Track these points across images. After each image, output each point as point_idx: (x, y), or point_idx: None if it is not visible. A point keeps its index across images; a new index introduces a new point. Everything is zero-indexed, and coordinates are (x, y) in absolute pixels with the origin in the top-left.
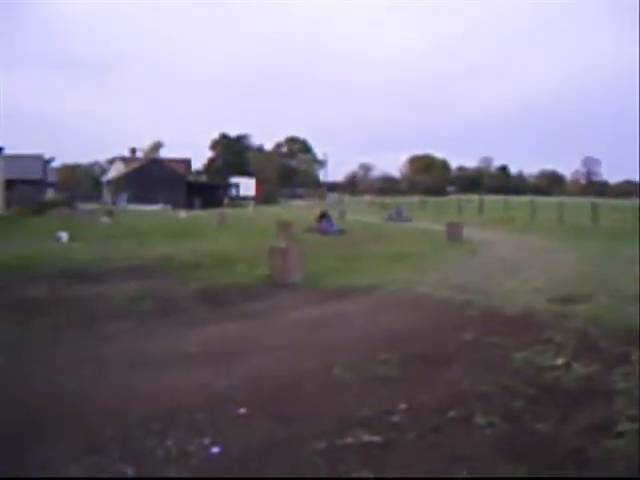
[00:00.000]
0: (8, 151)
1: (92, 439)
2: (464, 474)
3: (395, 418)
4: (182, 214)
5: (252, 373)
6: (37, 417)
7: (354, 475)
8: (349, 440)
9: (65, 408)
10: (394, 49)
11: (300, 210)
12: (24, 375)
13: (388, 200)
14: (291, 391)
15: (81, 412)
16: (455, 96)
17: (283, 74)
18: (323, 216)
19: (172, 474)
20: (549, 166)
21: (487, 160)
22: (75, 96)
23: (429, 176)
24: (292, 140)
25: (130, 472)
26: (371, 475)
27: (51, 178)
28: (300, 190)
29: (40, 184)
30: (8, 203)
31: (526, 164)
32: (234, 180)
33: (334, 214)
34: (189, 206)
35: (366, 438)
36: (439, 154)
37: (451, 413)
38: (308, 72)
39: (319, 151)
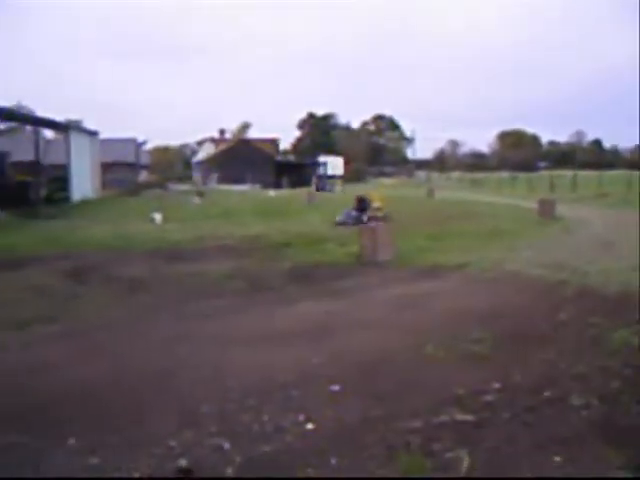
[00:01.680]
0: (103, 135)
1: (189, 414)
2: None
3: (489, 397)
4: (271, 193)
5: (344, 350)
6: (135, 392)
7: (448, 454)
8: (443, 418)
9: (162, 383)
10: (483, 22)
11: (388, 188)
12: (123, 351)
13: (478, 176)
14: (384, 369)
15: (178, 387)
16: (546, 69)
17: (369, 51)
18: (361, 202)
19: (267, 449)
20: None
21: (580, 134)
22: (165, 80)
23: (519, 151)
24: (379, 118)
25: (226, 446)
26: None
27: (144, 160)
28: (388, 168)
29: (134, 166)
30: (104, 185)
31: (621, 138)
32: (322, 159)
33: (422, 192)
34: (277, 185)
35: (460, 417)
36: (530, 129)
37: (546, 393)
38: (395, 48)
39: (407, 128)
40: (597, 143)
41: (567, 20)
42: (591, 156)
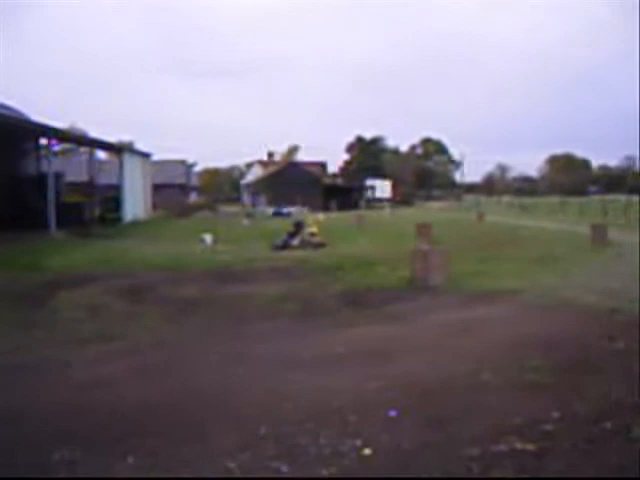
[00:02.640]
0: (154, 157)
1: (247, 435)
2: None
3: (548, 427)
4: (320, 216)
5: (400, 375)
6: (193, 412)
7: None
8: (502, 447)
9: (219, 404)
10: (531, 42)
11: (437, 212)
12: (180, 371)
13: (527, 201)
14: (440, 395)
15: (235, 408)
16: (596, 92)
17: (418, 74)
18: (296, 226)
19: (325, 473)
20: None
21: (630, 159)
22: (215, 102)
23: (569, 176)
24: (427, 141)
25: (285, 469)
26: None
27: (193, 182)
28: (436, 192)
29: (184, 188)
30: (154, 206)
31: None
32: (370, 182)
33: (472, 216)
34: (326, 208)
35: (519, 446)
36: (579, 153)
37: (606, 424)
38: (442, 71)
39: (455, 152)
40: None
41: (622, 43)
42: None
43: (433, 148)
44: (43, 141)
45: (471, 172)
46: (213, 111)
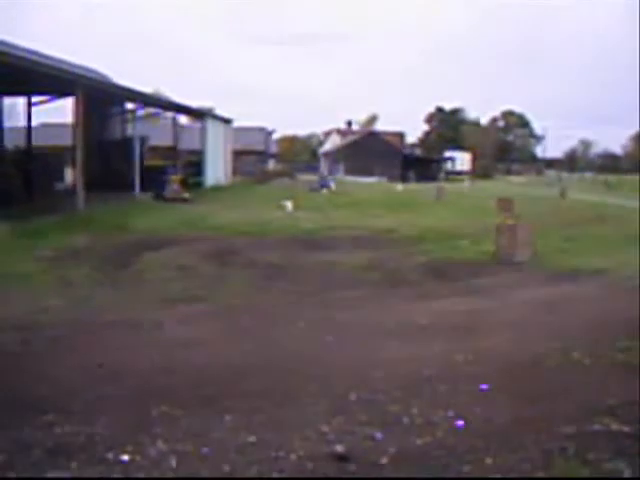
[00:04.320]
0: (235, 123)
1: (339, 401)
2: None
3: None
4: (399, 187)
5: (488, 349)
6: (284, 375)
7: (606, 465)
8: (597, 427)
9: (309, 369)
10: (624, 15)
11: (517, 186)
12: (270, 334)
13: (612, 178)
14: (531, 371)
15: (325, 374)
16: None
17: (501, 45)
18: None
19: (419, 442)
20: None
21: None
22: (295, 69)
23: None
24: (509, 114)
25: (378, 436)
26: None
27: (272, 149)
28: (515, 165)
29: (263, 155)
30: (234, 172)
31: None
32: (449, 154)
33: (554, 191)
34: (404, 179)
35: (615, 427)
36: None
37: None
38: (527, 42)
39: (537, 126)
40: None
41: None
42: None
43: (514, 121)
44: (129, 105)
45: (552, 147)
46: (293, 79)
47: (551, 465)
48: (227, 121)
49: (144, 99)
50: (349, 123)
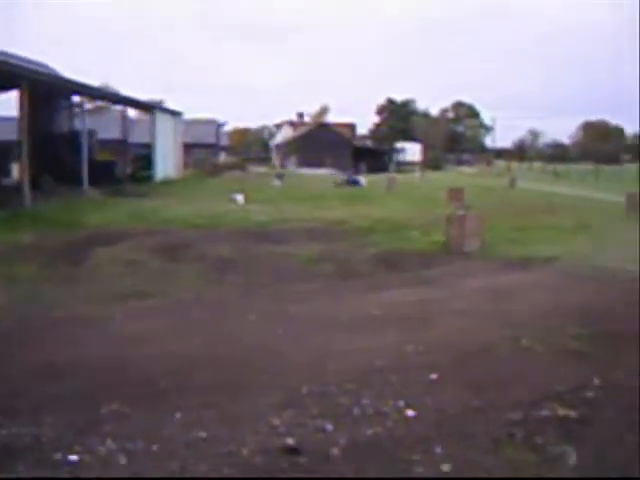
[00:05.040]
0: (185, 116)
1: (290, 393)
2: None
3: (590, 394)
4: None
5: (439, 338)
6: (235, 369)
7: (551, 449)
8: (545, 413)
9: (261, 362)
10: (568, 6)
11: (467, 177)
12: (220, 328)
13: (560, 168)
14: (480, 359)
15: (276, 367)
16: (632, 58)
17: (450, 36)
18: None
19: (370, 433)
20: None
21: None
22: (246, 61)
23: (603, 143)
24: (459, 105)
25: (329, 427)
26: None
27: (223, 142)
28: (466, 156)
29: (214, 147)
30: (185, 165)
31: None
32: (400, 145)
33: (503, 181)
34: (355, 171)
35: (562, 412)
36: (614, 120)
37: None
38: (475, 34)
39: (486, 116)
40: None
41: None
42: None
43: (464, 112)
44: (76, 99)
45: (502, 137)
46: (243, 71)
47: (499, 451)
48: (177, 114)
49: (91, 92)
50: (300, 115)
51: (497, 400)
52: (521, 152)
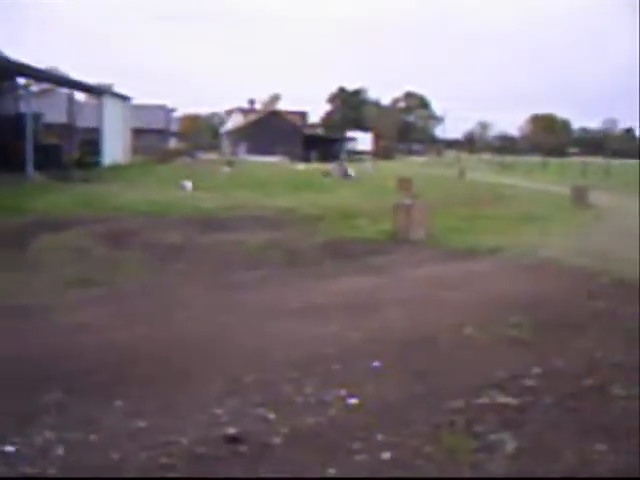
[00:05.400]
0: (134, 101)
1: (234, 382)
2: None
3: (530, 382)
4: (300, 166)
5: (383, 327)
6: (177, 358)
7: (490, 436)
8: (485, 400)
9: (206, 351)
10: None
11: (417, 167)
12: (165, 317)
13: (508, 159)
14: (423, 347)
15: (221, 356)
16: (579, 53)
17: (403, 27)
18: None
19: (312, 422)
20: None
21: (611, 122)
22: (196, 48)
23: (550, 136)
24: (410, 95)
25: (271, 416)
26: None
27: (173, 128)
28: (416, 146)
29: (163, 133)
30: (134, 151)
31: None
32: (351, 134)
33: (452, 172)
34: (306, 159)
35: (502, 400)
36: (561, 114)
37: (587, 381)
38: (427, 26)
39: (437, 107)
40: (629, 132)
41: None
42: (622, 144)
43: (415, 102)
44: (21, 81)
45: (452, 128)
46: (195, 56)
47: (439, 439)
48: (126, 98)
49: (37, 74)
50: (251, 102)
51: (439, 388)
52: (471, 143)
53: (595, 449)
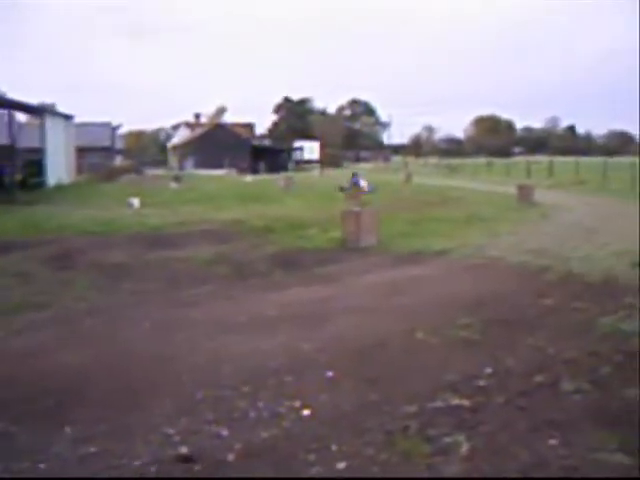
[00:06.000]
0: (77, 119)
1: (185, 400)
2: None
3: (482, 382)
4: (248, 178)
5: (335, 336)
6: (129, 379)
7: (444, 439)
8: (438, 404)
9: (155, 370)
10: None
11: (365, 173)
12: (114, 337)
13: (454, 162)
14: (376, 354)
15: (171, 374)
16: (521, 55)
17: (346, 36)
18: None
19: (266, 435)
20: (618, 126)
21: (554, 120)
22: (139, 62)
23: (495, 137)
24: (355, 102)
25: (224, 433)
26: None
27: (119, 145)
28: (364, 153)
29: (108, 151)
30: (79, 170)
31: (594, 124)
32: (298, 144)
33: (399, 177)
34: (254, 170)
35: (455, 402)
36: (505, 114)
37: (537, 378)
38: (370, 33)
39: (383, 113)
40: (571, 129)
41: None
42: (565, 142)
43: (361, 110)
44: None
45: (399, 134)
46: (138, 72)
47: (393, 445)
48: (68, 117)
49: None
50: (197, 116)
51: (393, 394)
52: (417, 147)
53: (547, 444)
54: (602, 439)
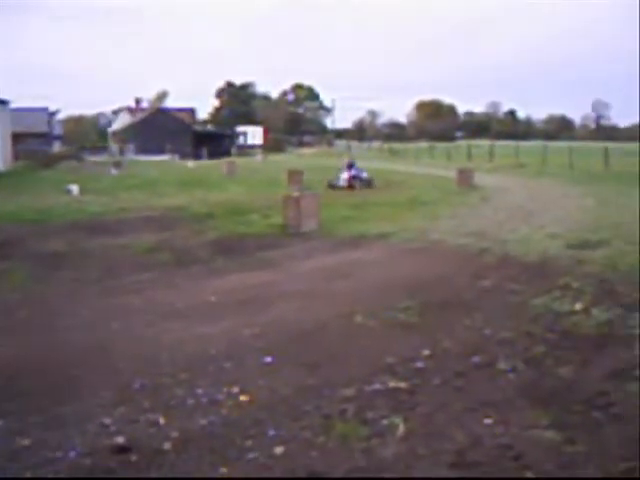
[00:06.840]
0: (13, 105)
1: (122, 389)
2: (490, 421)
3: (419, 364)
4: (190, 164)
5: (274, 321)
6: (64, 368)
7: (381, 421)
8: (376, 386)
9: (92, 359)
10: None
11: (308, 158)
12: (50, 327)
13: (397, 146)
14: (315, 338)
15: (108, 363)
16: (463, 40)
17: (288, 19)
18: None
19: (204, 422)
20: (558, 110)
21: (495, 105)
22: (78, 46)
23: (437, 122)
24: (298, 87)
25: (162, 421)
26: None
27: (57, 131)
28: (307, 138)
29: (46, 137)
30: (16, 157)
31: (534, 108)
32: (241, 129)
33: (342, 162)
34: (196, 156)
35: (392, 384)
36: (447, 99)
37: (474, 359)
38: (314, 17)
39: (326, 98)
40: (512, 114)
41: None
42: (506, 126)
43: (304, 94)
44: None
45: (342, 118)
46: (77, 56)
47: (331, 428)
48: (3, 102)
49: None
50: (138, 101)
51: (331, 377)
52: (361, 132)
53: (483, 424)
54: (536, 417)
